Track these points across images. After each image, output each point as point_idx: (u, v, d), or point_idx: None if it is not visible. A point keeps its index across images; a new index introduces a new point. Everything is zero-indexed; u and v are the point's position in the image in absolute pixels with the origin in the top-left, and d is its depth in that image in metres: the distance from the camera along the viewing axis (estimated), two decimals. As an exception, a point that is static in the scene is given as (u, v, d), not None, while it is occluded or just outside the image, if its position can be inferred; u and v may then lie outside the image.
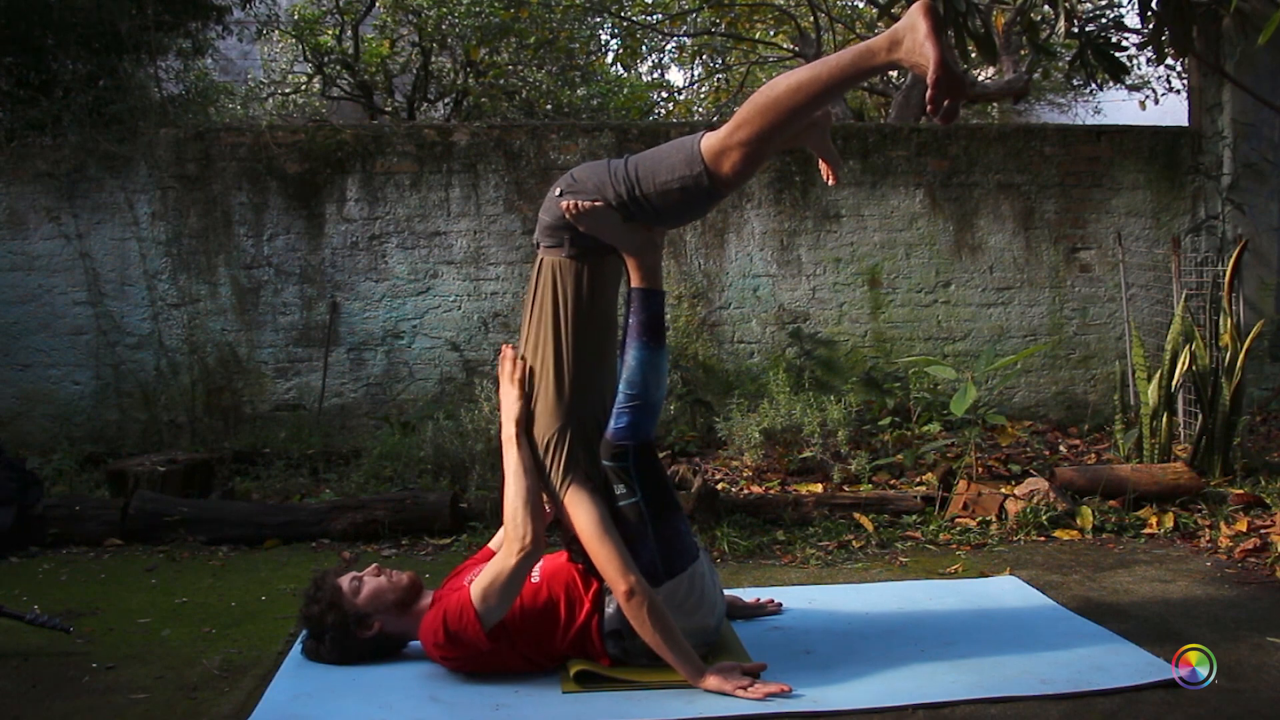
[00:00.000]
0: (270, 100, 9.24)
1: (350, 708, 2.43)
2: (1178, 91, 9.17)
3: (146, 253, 5.94)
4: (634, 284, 2.63)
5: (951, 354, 6.23)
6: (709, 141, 2.44)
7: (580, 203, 2.51)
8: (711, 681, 2.45)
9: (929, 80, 2.18)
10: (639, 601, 2.43)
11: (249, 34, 8.28)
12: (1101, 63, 4.33)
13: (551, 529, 4.02)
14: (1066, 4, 4.36)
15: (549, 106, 9.37)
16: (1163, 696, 2.40)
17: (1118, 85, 5.81)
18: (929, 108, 2.21)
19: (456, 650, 2.54)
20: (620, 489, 2.56)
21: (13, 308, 5.87)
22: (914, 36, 2.21)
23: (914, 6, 2.21)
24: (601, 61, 10.87)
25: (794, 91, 2.35)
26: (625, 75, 11.27)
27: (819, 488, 4.65)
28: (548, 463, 2.57)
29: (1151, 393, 4.64)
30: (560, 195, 2.55)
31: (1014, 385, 6.27)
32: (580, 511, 2.52)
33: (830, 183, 2.88)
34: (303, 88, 9.48)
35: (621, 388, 2.59)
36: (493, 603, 2.49)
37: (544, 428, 2.58)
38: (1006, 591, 3.29)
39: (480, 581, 2.52)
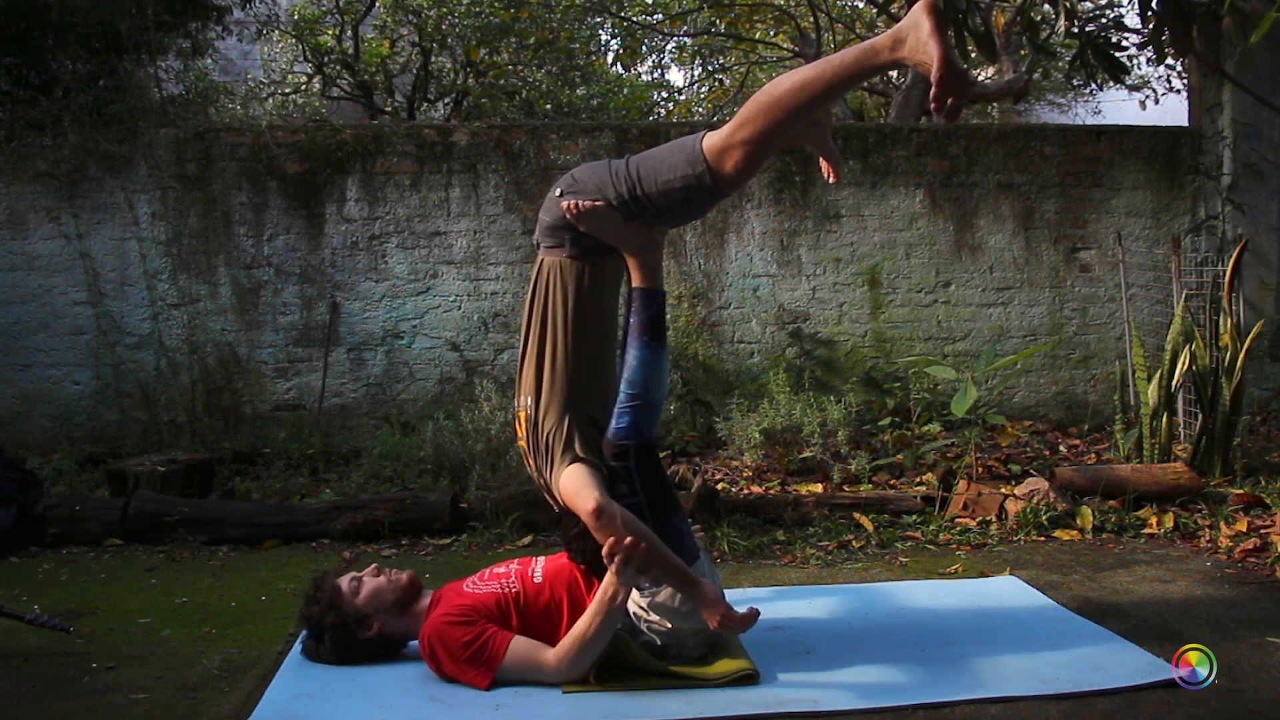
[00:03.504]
0: (270, 100, 9.24)
1: (350, 708, 2.43)
2: (1178, 91, 9.17)
3: (146, 253, 5.94)
4: (635, 283, 2.63)
5: (951, 354, 6.23)
6: (711, 140, 2.44)
7: (581, 202, 2.51)
8: (708, 589, 2.50)
9: (933, 78, 2.19)
10: (609, 519, 2.42)
11: (249, 34, 8.28)
12: (1101, 63, 4.33)
13: (553, 528, 4.05)
14: (1066, 4, 4.36)
15: (549, 106, 9.38)
16: (1163, 696, 2.40)
17: (1118, 85, 5.81)
18: (933, 105, 2.22)
19: (458, 676, 2.54)
20: (621, 488, 2.56)
21: (13, 308, 5.87)
22: (917, 35, 2.21)
23: (917, 5, 2.21)
24: (601, 61, 10.87)
25: (797, 90, 2.35)
26: (625, 75, 11.27)
27: (819, 488, 4.65)
28: (549, 457, 2.57)
29: (1151, 393, 4.64)
30: (561, 195, 2.55)
31: (1014, 385, 6.27)
32: (569, 477, 2.51)
33: (831, 180, 2.89)
34: (303, 88, 9.48)
35: (622, 387, 2.59)
36: (511, 677, 2.51)
37: (546, 426, 2.58)
38: (1006, 591, 3.29)
39: (515, 666, 2.51)
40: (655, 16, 10.22)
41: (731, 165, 2.42)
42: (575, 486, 2.48)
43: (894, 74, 10.71)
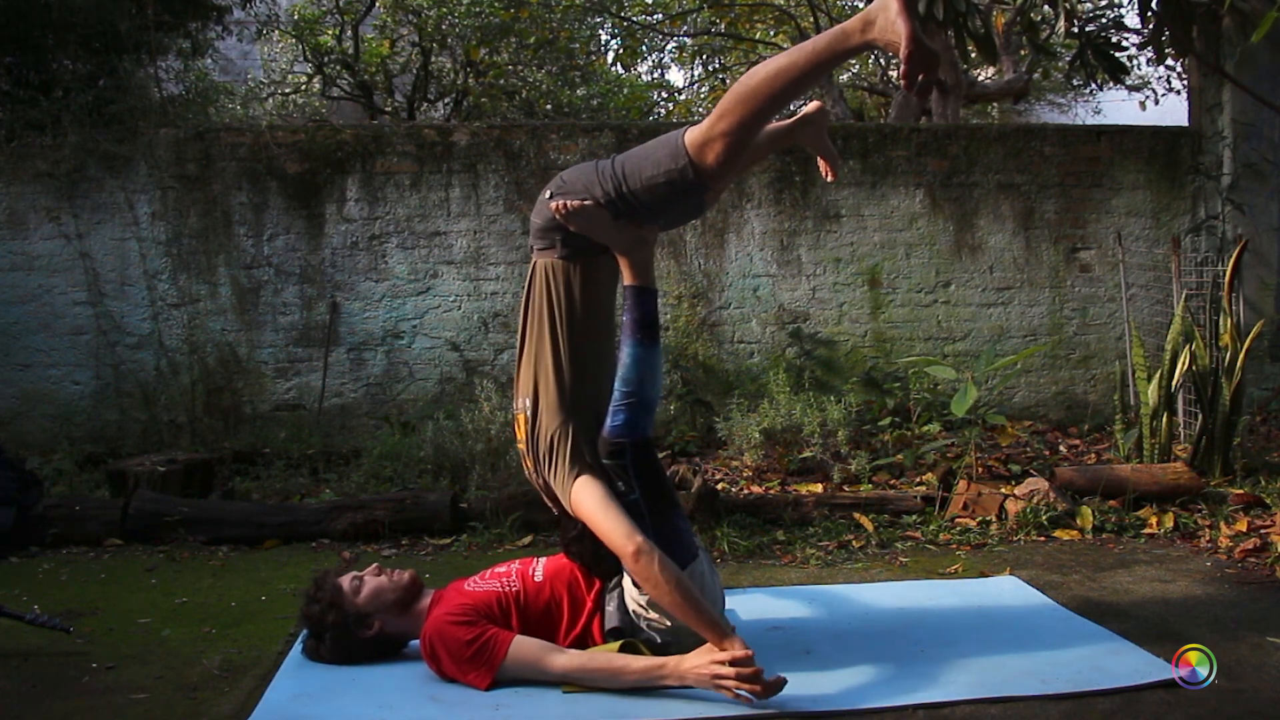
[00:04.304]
0: (270, 100, 9.25)
1: (350, 708, 2.43)
2: (1178, 91, 9.18)
3: (146, 253, 5.94)
4: (626, 281, 2.64)
5: (951, 354, 6.23)
6: (693, 134, 2.46)
7: (570, 202, 2.52)
8: (738, 644, 2.41)
9: (902, 56, 2.22)
10: (648, 561, 2.41)
11: (249, 34, 8.29)
12: (1101, 63, 4.33)
13: (553, 528, 4.05)
14: (1066, 4, 4.36)
15: (549, 106, 9.38)
16: (1163, 696, 2.39)
17: (1118, 85, 5.81)
18: (904, 83, 2.25)
19: (458, 676, 2.54)
20: (619, 486, 2.56)
21: (13, 308, 5.87)
22: (886, 15, 2.24)
23: None
24: (601, 61, 10.88)
25: (772, 78, 2.36)
26: (625, 75, 11.27)
27: (819, 488, 4.65)
28: (552, 460, 2.57)
29: (1151, 393, 4.64)
30: (550, 197, 2.56)
31: (1014, 385, 6.27)
32: (586, 495, 2.51)
33: (829, 179, 2.89)
34: (303, 88, 9.49)
35: (617, 385, 2.59)
36: (511, 675, 2.50)
37: (546, 427, 2.59)
38: (1006, 591, 3.29)
39: (517, 666, 2.50)
40: (655, 16, 10.23)
41: (713, 158, 2.43)
42: (603, 519, 2.47)
43: (894, 73, 10.71)
